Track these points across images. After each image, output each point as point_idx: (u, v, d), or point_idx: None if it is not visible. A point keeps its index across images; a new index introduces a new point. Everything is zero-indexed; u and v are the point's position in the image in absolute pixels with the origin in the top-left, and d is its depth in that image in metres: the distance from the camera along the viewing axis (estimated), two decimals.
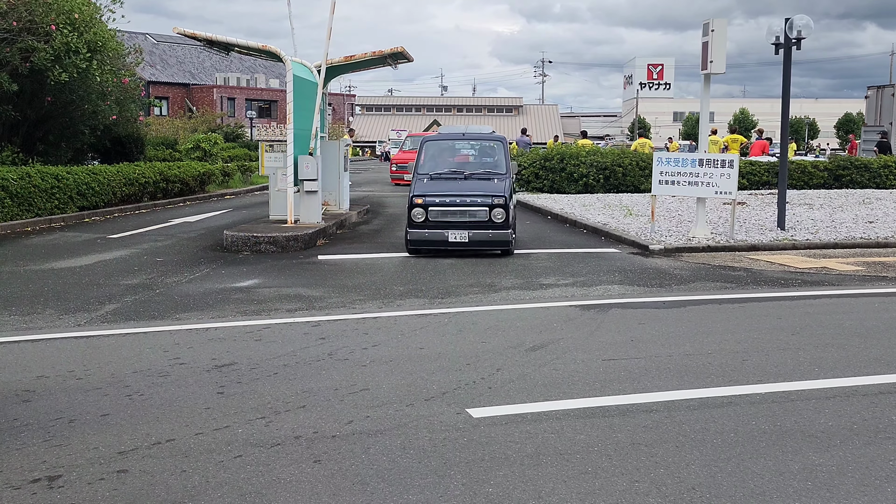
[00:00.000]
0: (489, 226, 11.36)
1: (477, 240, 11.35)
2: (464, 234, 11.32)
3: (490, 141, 12.80)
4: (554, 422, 4.86)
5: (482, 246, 11.42)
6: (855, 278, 9.89)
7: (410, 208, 11.44)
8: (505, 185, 11.68)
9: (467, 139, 13.04)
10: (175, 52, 65.71)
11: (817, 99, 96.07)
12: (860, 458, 4.34)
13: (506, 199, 11.36)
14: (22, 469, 4.18)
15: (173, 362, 6.17)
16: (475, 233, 11.33)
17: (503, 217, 11.31)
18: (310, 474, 4.12)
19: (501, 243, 11.46)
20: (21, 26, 15.84)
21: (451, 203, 11.40)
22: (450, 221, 11.41)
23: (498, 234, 11.38)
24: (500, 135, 13.01)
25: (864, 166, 24.07)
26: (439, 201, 11.41)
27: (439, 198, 11.43)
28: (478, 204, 11.36)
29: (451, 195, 11.47)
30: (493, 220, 11.32)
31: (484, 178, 11.95)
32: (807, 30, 13.02)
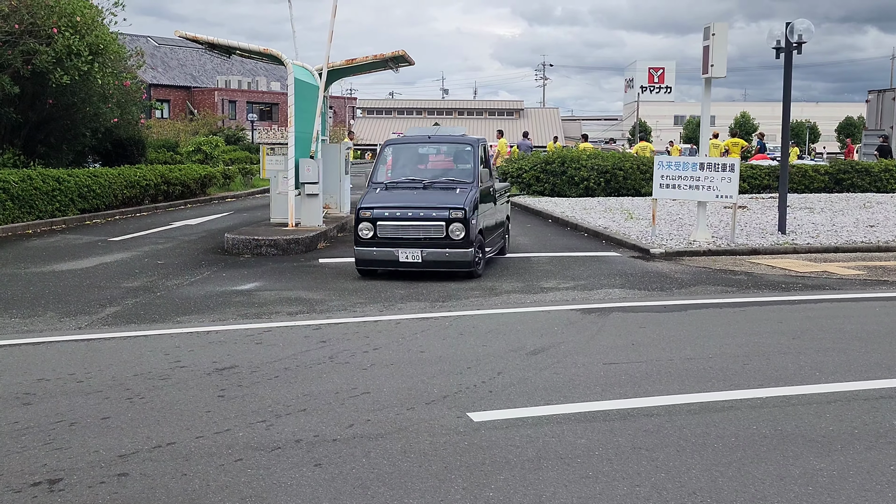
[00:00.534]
0: (446, 243, 9.80)
1: (431, 260, 9.80)
2: (416, 253, 9.80)
3: (459, 145, 11.15)
4: (555, 426, 4.86)
5: (438, 267, 9.86)
6: (856, 282, 9.89)
7: (356, 223, 10.03)
8: (469, 196, 10.05)
9: (434, 142, 11.35)
10: (176, 54, 65.77)
11: (818, 103, 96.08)
12: (861, 462, 4.33)
13: (466, 213, 9.80)
14: (22, 472, 4.18)
15: (174, 365, 6.17)
16: (430, 252, 9.79)
17: (462, 233, 9.76)
18: (310, 478, 4.11)
19: (461, 264, 9.87)
20: (23, 29, 15.86)
21: (401, 217, 9.88)
22: (401, 238, 9.89)
23: (456, 254, 9.82)
24: (475, 137, 11.51)
25: (864, 170, 24.07)
26: (388, 215, 9.91)
27: (389, 210, 9.94)
28: (432, 218, 9.82)
29: (402, 207, 9.97)
30: (450, 237, 9.78)
31: (446, 187, 10.36)
32: (808, 34, 13.03)
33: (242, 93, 65.52)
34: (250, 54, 15.31)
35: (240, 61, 64.31)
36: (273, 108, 67.33)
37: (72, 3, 16.84)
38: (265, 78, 69.56)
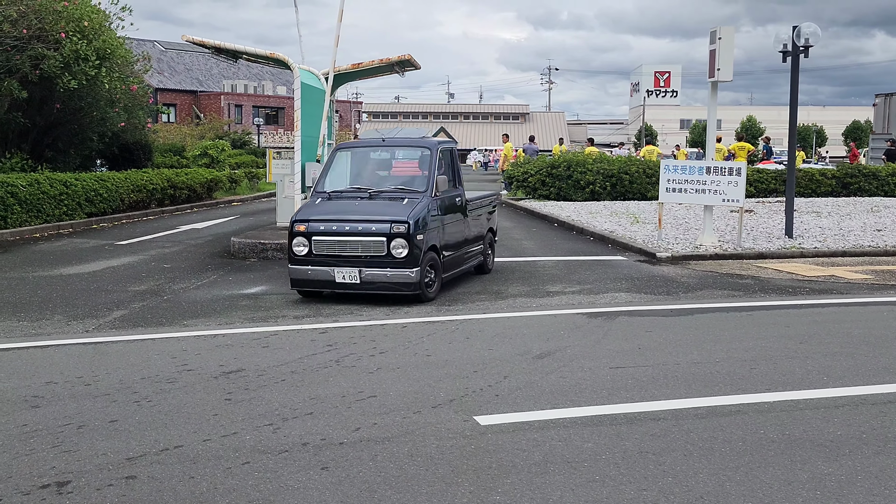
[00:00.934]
0: (387, 262, 8.63)
1: (370, 280, 8.67)
2: (353, 273, 8.65)
3: (414, 149, 9.94)
4: (561, 430, 4.85)
5: (378, 289, 8.73)
6: (863, 287, 9.86)
7: (289, 238, 9.03)
8: (416, 208, 8.83)
9: (388, 146, 10.10)
10: (183, 59, 65.96)
11: (825, 106, 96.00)
12: (869, 467, 4.32)
13: (410, 227, 8.61)
14: (31, 475, 4.20)
15: (181, 369, 6.19)
16: (369, 272, 8.65)
17: (405, 251, 8.57)
18: (317, 481, 4.12)
19: (403, 286, 8.65)
20: (31, 34, 15.93)
21: (338, 232, 8.77)
22: (338, 256, 8.78)
23: (399, 275, 8.61)
24: (435, 140, 10.23)
25: (872, 174, 24.03)
26: (324, 229, 8.82)
27: (325, 224, 8.85)
28: (371, 233, 8.68)
29: (340, 220, 8.85)
30: (392, 255, 8.60)
31: (393, 197, 9.12)
32: (814, 37, 13.02)
33: (249, 97, 65.67)
34: (257, 59, 15.35)
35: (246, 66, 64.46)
36: (279, 113, 67.46)
37: (79, 8, 16.91)
38: (271, 82, 69.71)
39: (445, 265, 9.36)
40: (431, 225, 8.98)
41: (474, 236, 10.40)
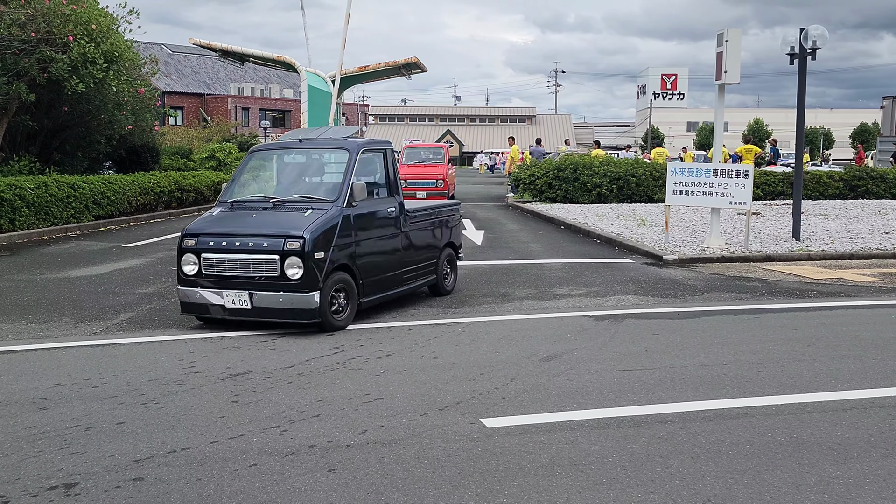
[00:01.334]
0: (281, 285, 7.36)
1: (262, 306, 7.42)
2: (243, 297, 7.43)
3: (330, 151, 8.63)
4: (568, 432, 4.85)
5: (271, 316, 7.47)
6: (871, 289, 9.83)
7: (178, 254, 7.86)
8: (320, 220, 7.53)
9: (304, 148, 8.74)
10: (190, 62, 66.16)
11: (832, 109, 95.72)
12: (878, 470, 4.30)
13: (307, 243, 7.29)
14: (39, 476, 4.21)
15: (188, 371, 6.20)
16: (260, 295, 7.40)
17: (300, 272, 7.29)
18: (324, 483, 4.12)
19: (300, 313, 7.38)
20: (39, 37, 16.00)
21: (229, 248, 7.54)
22: (228, 276, 7.57)
23: (294, 300, 7.34)
24: (360, 140, 8.72)
25: (879, 177, 23.96)
26: (214, 244, 7.62)
27: (215, 239, 7.65)
28: (263, 250, 7.42)
29: (232, 235, 7.62)
30: (286, 276, 7.34)
31: (297, 208, 7.83)
32: (822, 40, 12.99)
33: (255, 100, 65.82)
34: (264, 61, 15.42)
35: (253, 69, 64.64)
36: (286, 115, 67.59)
37: (87, 11, 16.98)
38: (278, 85, 69.87)
39: (366, 288, 7.98)
40: (341, 240, 7.66)
41: (421, 253, 9.01)
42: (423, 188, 23.37)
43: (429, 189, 23.41)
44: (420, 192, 23.22)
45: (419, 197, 22.93)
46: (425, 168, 24.29)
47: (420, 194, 23.14)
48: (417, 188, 23.34)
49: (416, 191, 23.40)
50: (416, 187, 23.34)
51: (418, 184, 23.43)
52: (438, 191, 23.47)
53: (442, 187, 23.53)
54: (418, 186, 23.37)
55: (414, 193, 23.24)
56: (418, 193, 23.17)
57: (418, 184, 23.43)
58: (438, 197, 23.16)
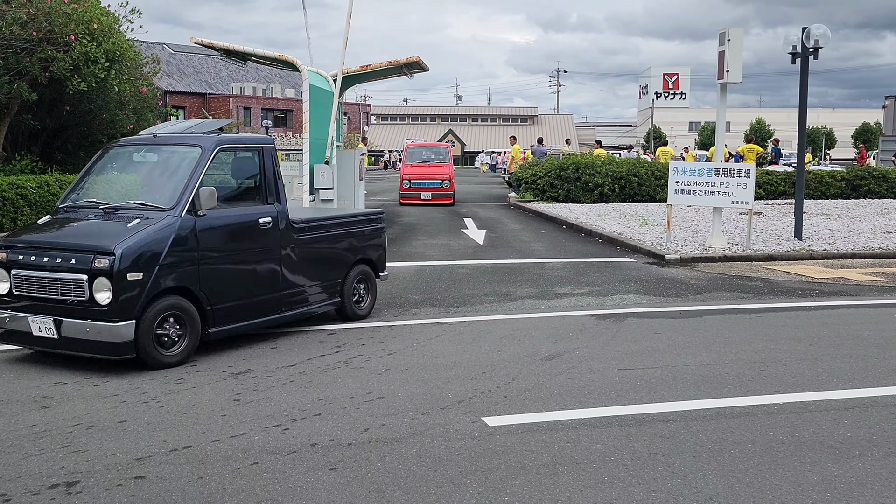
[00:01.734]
0: (90, 311, 6.09)
1: (69, 336, 6.15)
2: (49, 323, 6.19)
3: (180, 147, 7.21)
4: (570, 431, 4.84)
5: (79, 349, 6.18)
6: (873, 289, 9.82)
7: None
8: (143, 233, 6.24)
9: (156, 144, 7.49)
10: (192, 61, 66.18)
11: (834, 109, 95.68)
12: (880, 469, 4.30)
13: (117, 261, 6.01)
14: (40, 474, 4.21)
15: (189, 369, 6.20)
16: (68, 323, 6.13)
17: (109, 295, 6.02)
18: (326, 482, 4.12)
19: (109, 347, 6.07)
20: (41, 36, 15.99)
21: (37, 264, 6.32)
22: (36, 298, 6.34)
23: (102, 329, 6.04)
24: (223, 136, 7.28)
25: (882, 176, 23.93)
26: (24, 258, 6.40)
27: (27, 252, 6.43)
28: (71, 268, 6.17)
29: (45, 248, 6.40)
30: (94, 301, 6.07)
31: (126, 216, 6.54)
32: (824, 39, 12.97)
33: (257, 99, 65.84)
34: (265, 61, 15.38)
35: (255, 68, 64.67)
36: (287, 115, 67.60)
37: (89, 10, 16.97)
38: (280, 85, 69.88)
39: (220, 314, 6.68)
40: (176, 257, 6.36)
41: (316, 272, 7.68)
42: (427, 188, 22.94)
43: (434, 189, 22.95)
44: (424, 192, 22.86)
45: (423, 198, 22.69)
46: (429, 168, 23.86)
47: (424, 195, 22.81)
48: (422, 188, 22.95)
49: (420, 191, 22.96)
50: (420, 188, 22.97)
51: (423, 184, 23.03)
52: (444, 191, 22.99)
53: (447, 188, 23.05)
54: (423, 187, 22.97)
55: (418, 194, 22.90)
56: (423, 194, 22.83)
57: (423, 184, 23.03)
58: (443, 199, 22.85)
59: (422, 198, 22.79)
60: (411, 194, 23.09)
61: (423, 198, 22.78)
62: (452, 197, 23.24)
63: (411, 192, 23.10)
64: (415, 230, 16.56)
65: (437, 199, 22.88)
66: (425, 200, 22.78)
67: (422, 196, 22.82)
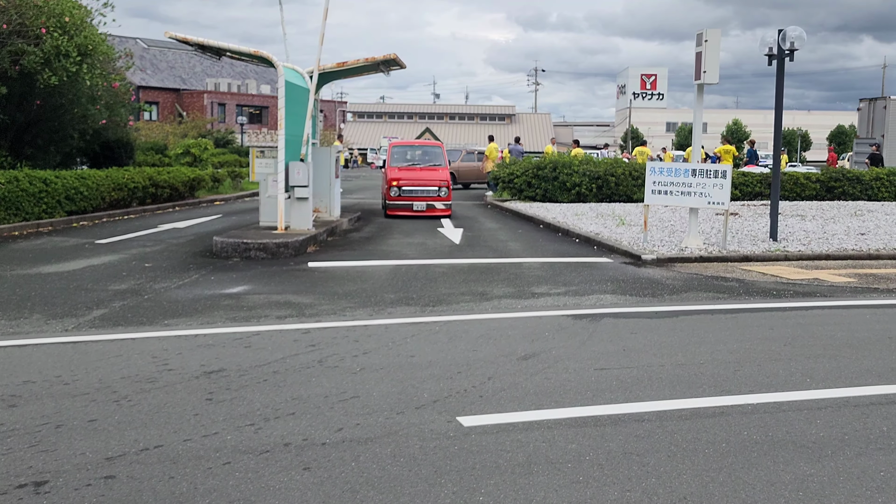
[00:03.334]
0: None
1: None
2: None
3: None
4: (545, 431, 4.83)
5: None
6: (847, 290, 9.90)
7: None
8: None
9: None
10: (166, 56, 65.61)
11: (810, 111, 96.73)
12: (852, 468, 4.32)
13: None
14: (8, 474, 4.13)
15: (161, 368, 6.12)
16: None
17: None
18: (299, 482, 4.07)
19: None
20: (11, 29, 15.77)
21: None
22: None
23: None
24: None
25: (856, 178, 24.21)
26: None
27: None
28: None
29: None
30: None
31: None
32: (799, 41, 13.07)
33: (232, 95, 65.40)
34: (240, 56, 15.27)
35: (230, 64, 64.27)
36: (263, 112, 67.22)
37: (61, 3, 16.76)
38: (255, 81, 69.46)
39: None
40: None
41: None
42: (421, 198, 18.91)
43: (430, 199, 19.00)
44: (417, 201, 18.88)
45: (416, 210, 18.84)
46: (422, 172, 19.58)
47: (418, 205, 18.89)
48: (414, 198, 18.90)
49: (412, 200, 18.90)
50: (412, 196, 18.92)
51: (416, 192, 18.95)
52: (441, 201, 19.03)
53: (445, 196, 19.06)
54: (416, 196, 18.92)
55: (410, 204, 18.89)
56: (415, 204, 18.88)
57: (416, 192, 18.95)
58: (441, 210, 18.96)
59: (414, 209, 18.84)
60: (401, 204, 18.92)
61: (415, 209, 18.83)
62: (450, 209, 19.38)
63: (401, 203, 18.92)
64: (391, 229, 16.50)
65: (432, 210, 18.91)
66: (419, 212, 18.83)
67: (414, 206, 18.85)
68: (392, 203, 18.96)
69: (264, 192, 14.37)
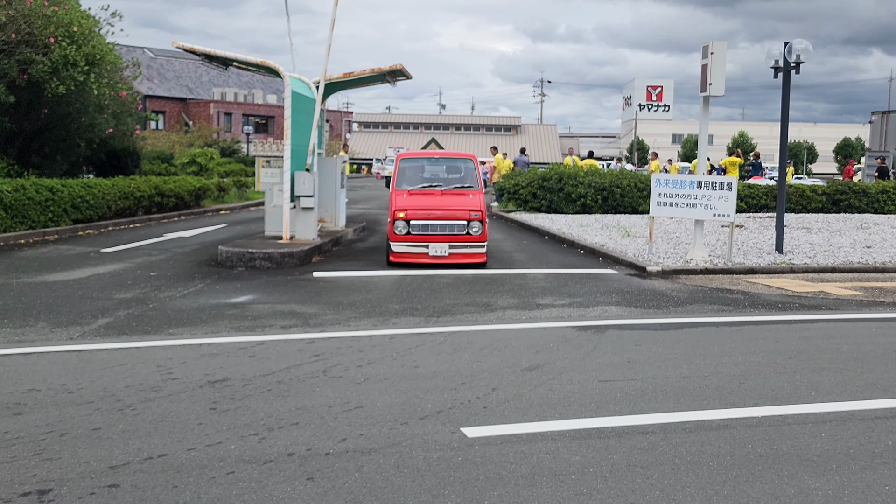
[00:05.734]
0: None
1: None
2: None
3: None
4: (549, 442, 4.82)
5: None
6: (852, 303, 9.88)
7: None
8: None
9: None
10: (173, 66, 65.89)
11: (816, 123, 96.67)
12: (856, 482, 4.30)
13: None
14: (12, 482, 4.13)
15: (166, 377, 6.12)
16: None
17: None
18: (302, 492, 4.07)
19: None
20: (20, 38, 15.86)
21: None
22: None
23: None
24: None
25: (862, 191, 24.16)
26: None
27: None
28: None
29: None
30: None
31: None
32: (806, 54, 13.08)
33: (238, 105, 65.61)
34: (248, 66, 15.33)
35: (236, 74, 64.52)
36: (269, 121, 67.43)
37: (69, 13, 16.85)
38: (262, 91, 69.68)
39: None
40: None
41: None
42: (441, 237, 12.21)
43: (455, 238, 12.23)
44: (436, 242, 12.17)
45: (434, 255, 12.11)
46: (443, 199, 12.65)
47: (436, 249, 12.13)
48: (431, 237, 12.19)
49: (428, 241, 12.17)
50: (426, 236, 12.19)
51: (433, 228, 12.20)
52: (472, 242, 12.22)
53: (478, 235, 12.23)
54: (432, 235, 12.21)
55: (424, 248, 12.19)
56: (432, 247, 12.14)
57: (433, 228, 12.20)
58: (471, 256, 12.25)
59: (431, 253, 12.18)
60: (410, 248, 12.30)
61: (433, 253, 12.17)
62: (485, 253, 12.41)
63: (410, 244, 12.28)
64: None
65: (458, 255, 12.23)
66: (438, 259, 12.19)
67: (431, 250, 12.17)
68: (398, 245, 12.25)
69: (270, 201, 14.39)
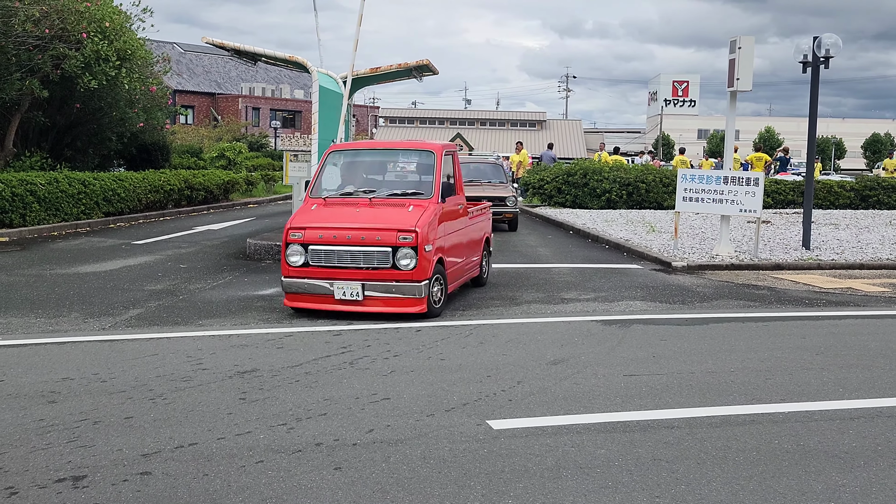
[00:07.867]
0: None
1: None
2: None
3: None
4: (574, 435, 4.85)
5: None
6: (881, 299, 9.79)
7: None
8: None
9: None
10: (202, 61, 66.36)
11: (844, 119, 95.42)
12: (885, 479, 4.29)
13: None
14: (48, 468, 4.23)
15: (196, 367, 6.22)
16: None
17: None
18: (330, 481, 4.13)
19: None
20: (53, 34, 16.08)
21: None
22: None
23: None
24: None
25: (891, 187, 23.89)
26: None
27: None
28: None
29: None
30: None
31: None
32: (835, 49, 12.95)
33: (266, 100, 65.97)
34: (276, 61, 15.44)
35: (264, 69, 64.87)
36: (296, 116, 67.72)
37: (101, 8, 17.06)
38: (289, 85, 69.99)
39: None
40: None
41: None
42: (351, 271, 8.18)
43: (371, 276, 8.13)
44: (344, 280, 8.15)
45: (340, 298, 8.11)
46: (367, 211, 8.52)
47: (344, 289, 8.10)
48: (337, 271, 8.18)
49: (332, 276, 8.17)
50: (333, 269, 8.18)
51: (341, 257, 8.17)
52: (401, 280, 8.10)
53: (410, 271, 8.07)
54: (340, 267, 8.17)
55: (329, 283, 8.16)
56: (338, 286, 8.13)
57: (341, 257, 8.17)
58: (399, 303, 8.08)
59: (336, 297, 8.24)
60: (310, 286, 8.31)
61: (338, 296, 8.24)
62: (424, 297, 8.12)
63: (310, 280, 8.30)
64: None
65: (375, 301, 8.19)
66: (345, 303, 8.24)
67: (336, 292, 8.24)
68: (293, 282, 8.37)
69: (297, 195, 14.48)
